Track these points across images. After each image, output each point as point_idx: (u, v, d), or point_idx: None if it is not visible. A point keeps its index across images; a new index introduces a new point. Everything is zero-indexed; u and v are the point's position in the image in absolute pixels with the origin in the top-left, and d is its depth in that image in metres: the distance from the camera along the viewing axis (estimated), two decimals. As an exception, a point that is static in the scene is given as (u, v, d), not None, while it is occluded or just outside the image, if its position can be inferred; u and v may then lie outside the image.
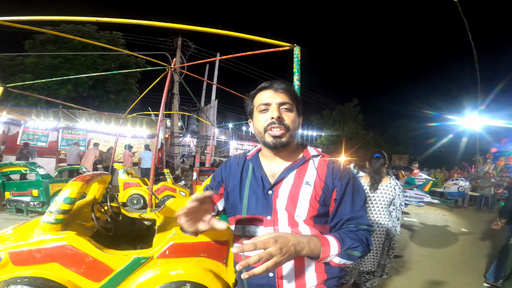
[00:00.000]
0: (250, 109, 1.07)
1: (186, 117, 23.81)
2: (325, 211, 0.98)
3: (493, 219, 7.47)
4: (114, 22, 2.54)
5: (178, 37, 14.72)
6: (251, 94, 1.06)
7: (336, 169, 1.01)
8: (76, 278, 1.86)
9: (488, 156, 14.31)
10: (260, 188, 1.01)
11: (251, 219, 1.00)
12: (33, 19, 2.38)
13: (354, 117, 28.36)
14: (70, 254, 1.87)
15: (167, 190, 6.46)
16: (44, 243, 1.87)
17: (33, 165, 5.19)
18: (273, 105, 0.97)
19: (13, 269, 1.82)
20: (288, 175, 1.00)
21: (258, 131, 1.02)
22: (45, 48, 13.82)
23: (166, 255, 1.98)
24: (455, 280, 3.52)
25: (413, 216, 7.62)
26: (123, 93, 15.99)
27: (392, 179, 2.58)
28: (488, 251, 4.80)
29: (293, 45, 2.40)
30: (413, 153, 32.89)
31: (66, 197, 2.01)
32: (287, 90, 0.99)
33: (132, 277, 1.93)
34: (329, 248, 0.85)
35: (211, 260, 2.05)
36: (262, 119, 0.99)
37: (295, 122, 1.00)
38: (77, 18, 2.51)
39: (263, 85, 1.02)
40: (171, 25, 2.58)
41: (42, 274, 1.81)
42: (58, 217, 1.96)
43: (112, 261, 1.91)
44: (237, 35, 2.54)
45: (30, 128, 11.14)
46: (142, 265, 1.94)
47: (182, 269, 1.95)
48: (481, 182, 9.69)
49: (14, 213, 5.05)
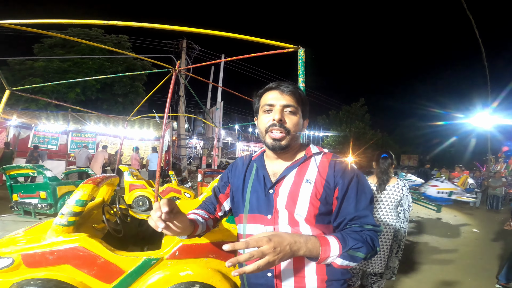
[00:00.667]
0: (256, 107, 1.07)
1: (193, 119, 23.99)
2: (327, 209, 0.96)
3: (504, 219, 7.32)
4: (120, 25, 2.57)
5: (183, 39, 14.84)
6: (258, 93, 1.06)
7: (338, 167, 0.99)
8: (88, 279, 1.89)
9: (500, 155, 14.00)
10: (261, 187, 1.02)
11: (252, 218, 1.01)
12: (40, 22, 2.42)
13: (361, 117, 28.09)
14: (82, 256, 1.89)
15: (172, 192, 6.49)
16: (56, 245, 1.90)
17: (41, 167, 5.24)
18: (276, 107, 0.97)
19: (26, 271, 1.85)
20: (289, 174, 1.00)
21: (260, 131, 1.03)
22: (53, 52, 14.11)
23: (176, 256, 2.00)
24: (466, 282, 3.45)
25: (423, 216, 7.50)
26: (130, 96, 16.20)
27: (400, 180, 2.55)
28: (500, 252, 4.69)
29: (298, 47, 2.40)
30: (422, 153, 32.45)
31: (78, 199, 2.04)
32: (293, 92, 0.99)
33: (142, 278, 1.95)
34: (328, 249, 0.81)
35: (219, 261, 2.07)
36: (265, 119, 0.99)
37: (297, 126, 0.99)
38: (84, 21, 2.55)
39: (271, 86, 1.02)
40: (176, 27, 2.60)
41: (54, 276, 1.83)
42: (70, 219, 1.99)
43: (123, 263, 1.94)
44: (242, 37, 2.55)
45: (41, 132, 11.33)
46: (152, 266, 1.96)
47: (191, 270, 1.96)
48: (492, 182, 9.47)
49: (22, 215, 5.11)
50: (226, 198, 1.17)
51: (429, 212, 7.96)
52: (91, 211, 2.65)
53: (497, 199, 9.14)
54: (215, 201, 1.18)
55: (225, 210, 1.18)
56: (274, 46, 2.57)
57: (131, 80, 15.79)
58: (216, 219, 1.18)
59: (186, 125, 16.98)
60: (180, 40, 14.90)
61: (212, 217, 1.15)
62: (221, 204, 1.18)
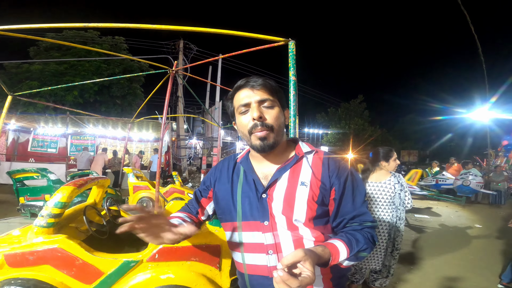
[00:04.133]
0: (231, 111, 1.01)
1: (192, 119, 23.93)
2: (324, 211, 0.93)
3: (508, 215, 7.30)
4: (115, 27, 2.54)
5: (180, 39, 14.79)
6: (229, 95, 1.00)
7: (332, 166, 0.95)
8: (67, 280, 1.90)
9: (500, 149, 14.00)
10: (253, 192, 0.96)
11: (248, 225, 0.96)
12: (34, 27, 2.38)
13: (360, 113, 28.09)
14: (61, 257, 1.90)
15: (176, 192, 6.47)
16: (36, 246, 1.91)
17: (44, 170, 5.31)
18: (252, 104, 0.91)
19: (9, 271, 1.87)
20: (281, 177, 0.95)
21: (243, 134, 0.96)
22: (49, 54, 14.07)
23: (156, 259, 1.97)
24: (469, 278, 3.43)
25: (425, 212, 7.48)
26: (128, 98, 16.16)
27: (393, 177, 2.49)
28: (503, 248, 4.66)
29: (288, 40, 2.37)
30: (422, 148, 32.50)
31: (57, 201, 2.04)
32: (264, 85, 0.93)
33: (123, 280, 1.94)
34: (338, 256, 0.81)
35: (203, 265, 2.03)
36: (244, 120, 0.94)
37: (278, 119, 0.93)
38: (78, 24, 2.50)
39: (239, 84, 0.96)
40: (169, 27, 2.58)
41: (35, 276, 1.85)
42: (50, 220, 1.99)
43: (102, 264, 1.93)
44: (233, 33, 2.54)
45: (40, 135, 11.32)
46: (132, 269, 1.94)
47: (172, 273, 1.93)
48: (494, 177, 9.43)
49: (28, 217, 5.16)
50: (208, 202, 1.13)
51: (431, 207, 7.95)
52: (78, 212, 2.63)
53: (499, 194, 9.09)
54: (196, 205, 1.14)
55: (208, 214, 1.15)
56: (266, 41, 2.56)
57: (129, 81, 15.75)
58: (200, 222, 1.15)
59: (186, 125, 16.95)
60: (177, 41, 14.88)
61: (196, 221, 1.12)
62: (203, 208, 1.14)
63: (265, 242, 0.92)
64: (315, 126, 30.90)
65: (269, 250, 0.92)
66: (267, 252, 0.92)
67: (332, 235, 0.95)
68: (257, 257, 0.94)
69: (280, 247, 0.91)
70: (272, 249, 0.92)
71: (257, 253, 0.94)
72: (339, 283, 0.96)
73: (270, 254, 0.92)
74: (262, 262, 0.93)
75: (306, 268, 0.66)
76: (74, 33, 14.09)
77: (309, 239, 0.91)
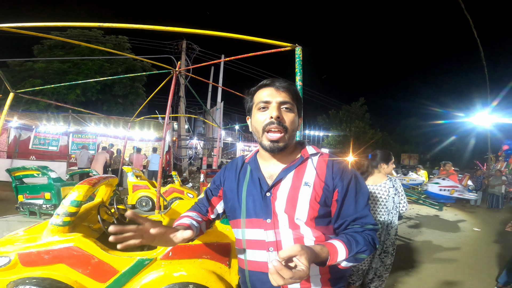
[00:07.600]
0: (249, 106, 1.03)
1: (193, 120, 23.99)
2: (326, 212, 0.95)
3: (506, 218, 7.31)
4: (118, 27, 2.58)
5: (183, 40, 14.84)
6: (251, 91, 1.02)
7: (336, 168, 0.97)
8: (82, 278, 1.90)
9: (500, 153, 13.98)
10: (257, 190, 0.99)
11: (251, 222, 0.98)
12: (39, 25, 2.43)
13: (361, 116, 28.06)
14: (76, 256, 1.90)
15: (175, 192, 6.49)
16: (52, 244, 1.92)
17: (45, 168, 5.27)
18: (273, 104, 0.93)
19: (22, 270, 1.87)
20: (286, 176, 0.97)
21: (256, 130, 0.98)
22: (53, 53, 14.14)
23: (169, 257, 2.00)
24: (467, 281, 3.44)
25: (423, 215, 7.49)
26: (130, 97, 16.22)
27: (389, 180, 2.49)
28: (501, 251, 4.68)
29: (295, 45, 2.40)
30: (423, 152, 32.43)
31: (72, 200, 2.05)
32: (288, 89, 0.96)
33: (136, 278, 1.96)
34: (336, 256, 0.83)
35: (214, 262, 2.06)
36: (261, 117, 0.95)
37: (294, 123, 0.96)
38: (83, 24, 2.55)
39: (264, 82, 0.99)
40: (174, 28, 2.61)
41: (49, 275, 1.85)
42: (65, 219, 2.01)
43: (117, 262, 1.94)
44: (240, 37, 2.56)
45: (42, 133, 11.36)
46: (146, 267, 1.96)
47: (185, 270, 1.96)
48: (492, 180, 9.45)
49: (27, 215, 5.14)
50: (219, 200, 1.15)
51: (430, 211, 7.95)
52: (88, 211, 2.66)
53: (497, 198, 9.11)
54: (207, 204, 1.17)
55: (218, 212, 1.17)
56: (272, 45, 2.57)
57: (131, 81, 15.82)
58: (209, 221, 1.17)
59: (187, 125, 16.99)
60: (180, 41, 14.93)
61: (205, 219, 1.14)
62: (213, 206, 1.16)
63: (266, 239, 0.95)
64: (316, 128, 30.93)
65: (270, 247, 0.94)
66: (268, 249, 0.94)
67: (333, 236, 0.97)
68: (258, 254, 0.97)
69: (281, 244, 0.93)
70: (273, 246, 0.94)
71: (258, 249, 0.96)
72: (337, 284, 0.98)
73: (271, 251, 0.94)
74: (263, 258, 0.95)
75: (301, 262, 0.70)
76: (78, 32, 14.19)
77: (310, 239, 0.93)
